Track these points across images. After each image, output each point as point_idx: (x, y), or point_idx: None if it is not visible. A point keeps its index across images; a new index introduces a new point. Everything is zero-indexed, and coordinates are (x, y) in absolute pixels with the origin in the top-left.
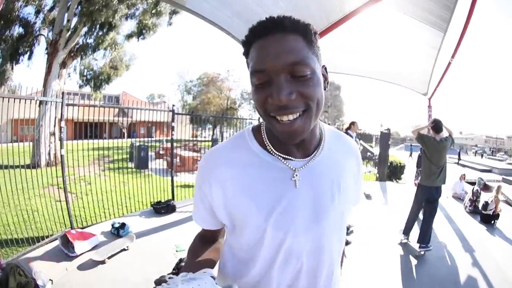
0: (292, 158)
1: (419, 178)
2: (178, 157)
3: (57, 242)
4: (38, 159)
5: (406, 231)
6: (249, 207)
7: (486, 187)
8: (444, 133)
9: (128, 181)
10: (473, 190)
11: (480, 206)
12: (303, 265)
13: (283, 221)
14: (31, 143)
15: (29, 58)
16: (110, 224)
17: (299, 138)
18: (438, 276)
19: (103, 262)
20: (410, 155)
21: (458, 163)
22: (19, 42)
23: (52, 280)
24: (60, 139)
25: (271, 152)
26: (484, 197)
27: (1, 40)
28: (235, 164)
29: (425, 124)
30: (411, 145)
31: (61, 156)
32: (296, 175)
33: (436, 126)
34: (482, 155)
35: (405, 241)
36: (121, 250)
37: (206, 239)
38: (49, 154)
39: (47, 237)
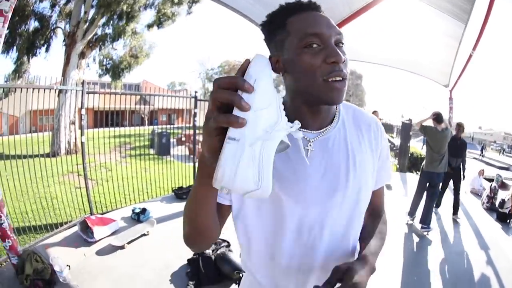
0: (307, 130)
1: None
2: (200, 144)
3: (75, 228)
4: (57, 148)
5: (411, 213)
6: None
7: (503, 185)
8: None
9: (149, 168)
10: (491, 186)
11: (497, 203)
12: (316, 240)
13: (294, 190)
14: (50, 132)
15: (46, 50)
16: (131, 210)
17: (342, 100)
18: (452, 271)
19: (122, 247)
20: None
21: (481, 157)
22: (35, 35)
23: (69, 266)
24: (81, 127)
25: None
26: (501, 195)
27: (16, 35)
28: None
29: (430, 116)
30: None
31: (82, 143)
32: (310, 145)
33: (438, 118)
34: (500, 152)
35: (411, 222)
36: (141, 235)
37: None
38: (68, 142)
39: (66, 223)
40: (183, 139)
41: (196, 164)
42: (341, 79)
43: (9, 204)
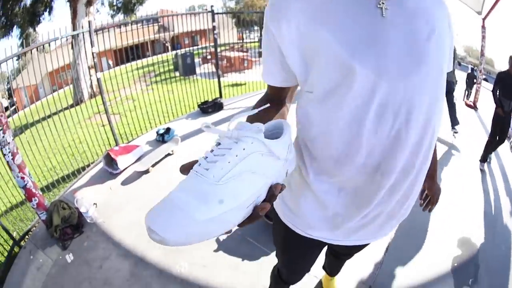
0: None
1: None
2: (225, 59)
3: (101, 165)
4: (80, 96)
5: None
6: (328, 39)
7: None
8: None
9: (174, 89)
10: None
11: None
12: (401, 129)
13: (373, 56)
14: (71, 85)
15: (49, 13)
16: (155, 132)
17: None
18: None
19: (147, 171)
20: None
21: None
22: (35, 6)
23: (96, 204)
24: (94, 65)
25: None
26: None
27: (13, 16)
28: None
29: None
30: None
31: (98, 79)
32: (383, 2)
33: None
34: None
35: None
36: (166, 156)
37: (271, 101)
38: (91, 87)
39: (92, 163)
40: (208, 57)
41: (222, 79)
42: None
43: (39, 163)
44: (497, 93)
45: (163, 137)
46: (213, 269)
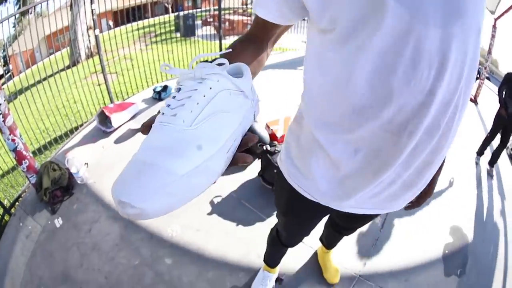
0: None
1: None
2: (227, 22)
3: (94, 124)
4: (77, 57)
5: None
6: None
7: None
8: None
9: (174, 50)
10: None
11: None
12: (434, 83)
13: None
14: (68, 47)
15: None
16: (152, 90)
17: None
18: None
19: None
20: None
21: None
22: None
23: (87, 164)
24: (93, 22)
25: None
26: None
27: None
28: None
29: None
30: None
31: (96, 36)
32: None
33: None
34: None
35: None
36: None
37: (252, 41)
38: (88, 47)
39: (86, 123)
40: (210, 19)
41: (223, 41)
42: None
43: (32, 126)
44: (503, 93)
45: (160, 94)
46: (206, 234)
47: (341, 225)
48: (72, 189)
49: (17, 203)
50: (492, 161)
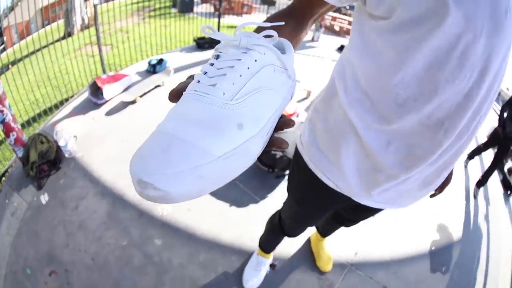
0: None
1: None
2: (226, 1)
3: (85, 96)
4: (72, 28)
5: None
6: None
7: None
8: None
9: (171, 25)
10: None
11: None
12: (474, 85)
13: (471, 4)
14: (64, 19)
15: None
16: (147, 63)
17: None
18: None
19: (134, 102)
20: None
21: None
22: None
23: (76, 136)
24: None
25: None
26: None
27: None
28: None
29: None
30: None
31: (94, 6)
32: None
33: None
34: None
35: None
36: (156, 87)
37: (293, 16)
38: (83, 19)
39: (77, 94)
40: None
41: (222, 19)
42: None
43: (23, 97)
44: (505, 114)
45: (155, 68)
46: (198, 214)
47: (346, 216)
48: (60, 163)
49: (3, 178)
50: (481, 183)
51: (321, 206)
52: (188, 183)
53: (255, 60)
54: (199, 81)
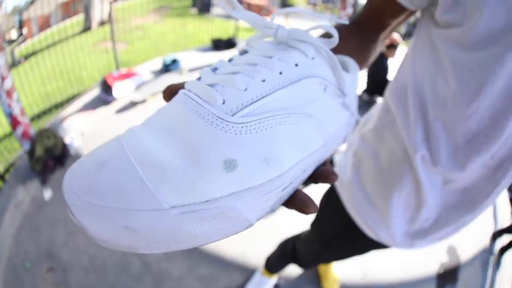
0: None
1: None
2: (245, 4)
3: (96, 92)
4: (90, 23)
5: None
6: None
7: None
8: None
9: (188, 25)
10: None
11: None
12: None
13: None
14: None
15: None
16: (160, 61)
17: None
18: None
19: (144, 101)
20: None
21: None
22: None
23: (83, 133)
24: None
25: None
26: None
27: None
28: None
29: None
30: None
31: (110, 3)
32: None
33: None
34: None
35: None
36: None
37: (359, 27)
38: (101, 15)
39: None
40: None
41: (240, 22)
42: None
43: (34, 89)
44: None
45: (168, 68)
46: None
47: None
48: (65, 159)
49: (11, 169)
50: (504, 249)
51: (352, 252)
52: (109, 228)
53: (296, 65)
54: (200, 78)
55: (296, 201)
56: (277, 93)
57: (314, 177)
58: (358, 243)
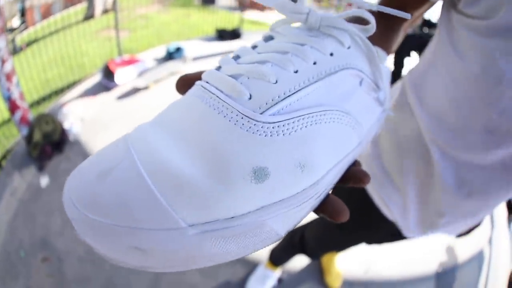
0: None
1: None
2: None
3: (97, 78)
4: (92, 11)
5: None
6: None
7: None
8: None
9: (192, 15)
10: None
11: None
12: None
13: None
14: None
15: None
16: (164, 49)
17: None
18: None
19: (146, 88)
20: None
21: None
22: None
23: (83, 119)
24: None
25: None
26: None
27: None
28: None
29: None
30: None
31: None
32: None
33: None
34: None
35: None
36: (171, 74)
37: (382, 16)
38: (104, 3)
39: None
40: None
41: (244, 14)
42: None
43: (35, 75)
44: None
45: (171, 56)
46: None
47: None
48: (63, 145)
49: (8, 155)
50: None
51: (362, 237)
52: (116, 248)
53: (331, 54)
54: (220, 67)
55: (328, 208)
56: (312, 87)
57: (345, 179)
58: (372, 226)
